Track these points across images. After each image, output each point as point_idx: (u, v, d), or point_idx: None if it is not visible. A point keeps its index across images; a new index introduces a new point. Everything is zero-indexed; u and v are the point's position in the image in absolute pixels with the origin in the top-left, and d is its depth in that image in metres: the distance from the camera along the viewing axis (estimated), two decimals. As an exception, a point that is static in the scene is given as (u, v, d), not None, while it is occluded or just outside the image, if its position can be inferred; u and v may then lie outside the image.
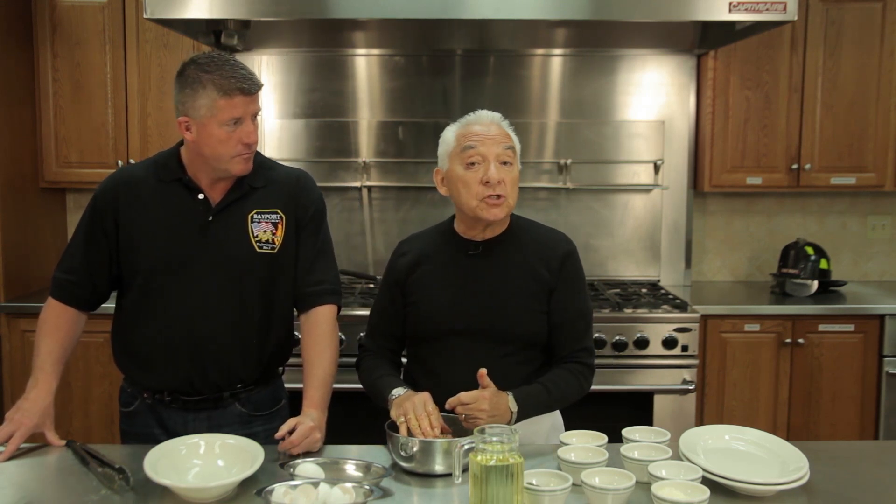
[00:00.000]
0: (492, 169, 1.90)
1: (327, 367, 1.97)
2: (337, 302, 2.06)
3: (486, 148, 1.92)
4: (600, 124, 3.80)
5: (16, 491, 1.64)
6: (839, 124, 3.60)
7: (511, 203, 1.94)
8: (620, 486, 1.52)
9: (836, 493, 1.63)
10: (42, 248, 3.67)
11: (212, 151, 1.89)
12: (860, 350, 3.39)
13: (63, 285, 2.01)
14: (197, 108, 1.86)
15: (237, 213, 1.97)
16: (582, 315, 2.01)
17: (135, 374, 2.02)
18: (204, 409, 2.00)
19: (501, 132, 1.95)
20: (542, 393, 1.90)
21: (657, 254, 3.87)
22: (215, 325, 1.96)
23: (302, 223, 2.03)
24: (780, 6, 2.78)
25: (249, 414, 2.03)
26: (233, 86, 1.84)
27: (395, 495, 1.61)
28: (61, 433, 1.92)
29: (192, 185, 1.96)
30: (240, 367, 2.00)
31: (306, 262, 2.04)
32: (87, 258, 2.00)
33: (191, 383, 1.97)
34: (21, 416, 1.85)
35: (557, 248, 2.01)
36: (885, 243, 4.03)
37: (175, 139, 2.04)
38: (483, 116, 1.98)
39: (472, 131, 1.95)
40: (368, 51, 3.78)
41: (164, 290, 1.96)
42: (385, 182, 3.80)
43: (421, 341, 2.03)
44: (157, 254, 1.95)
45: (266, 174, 2.03)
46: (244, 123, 1.88)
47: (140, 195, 1.97)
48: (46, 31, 3.50)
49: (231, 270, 1.96)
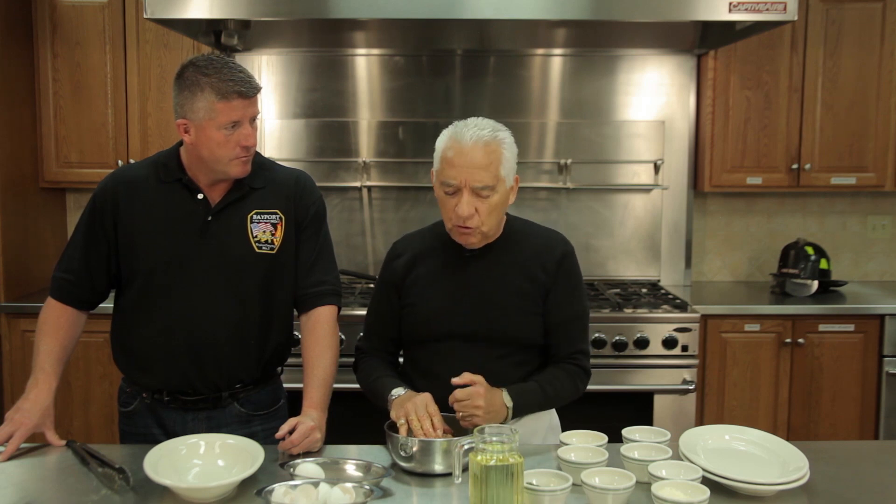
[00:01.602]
0: (462, 204, 1.84)
1: (327, 367, 1.97)
2: (337, 303, 2.06)
3: (461, 178, 1.84)
4: (600, 124, 3.80)
5: (16, 491, 1.64)
6: (839, 124, 3.59)
7: (486, 230, 1.90)
8: (620, 486, 1.52)
9: (836, 493, 1.63)
10: (42, 248, 3.67)
11: (210, 154, 1.89)
12: (860, 350, 3.39)
13: (62, 285, 2.01)
14: (195, 110, 1.86)
15: (236, 214, 1.97)
16: (579, 317, 2.01)
17: (134, 374, 2.02)
18: (203, 409, 2.00)
19: (482, 158, 1.83)
20: (537, 391, 1.91)
21: (657, 254, 3.87)
22: (214, 326, 1.96)
23: (302, 224, 2.03)
24: (780, 6, 2.78)
25: (249, 414, 2.03)
26: (231, 89, 1.84)
27: (395, 495, 1.61)
28: (61, 433, 1.92)
29: (191, 186, 1.96)
30: (239, 367, 2.00)
31: (307, 264, 2.04)
32: (87, 257, 2.00)
33: (190, 383, 1.97)
34: (21, 417, 1.85)
35: (554, 250, 2.00)
36: (885, 243, 4.03)
37: (175, 139, 2.04)
38: (466, 137, 1.84)
39: (450, 157, 1.85)
40: (368, 51, 3.78)
41: (163, 290, 1.96)
42: (385, 182, 3.80)
43: (417, 343, 2.03)
44: (157, 253, 1.95)
45: (266, 175, 2.02)
46: (242, 126, 1.88)
47: (139, 195, 1.97)
48: (46, 31, 3.50)
49: (230, 271, 1.96)
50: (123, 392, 2.07)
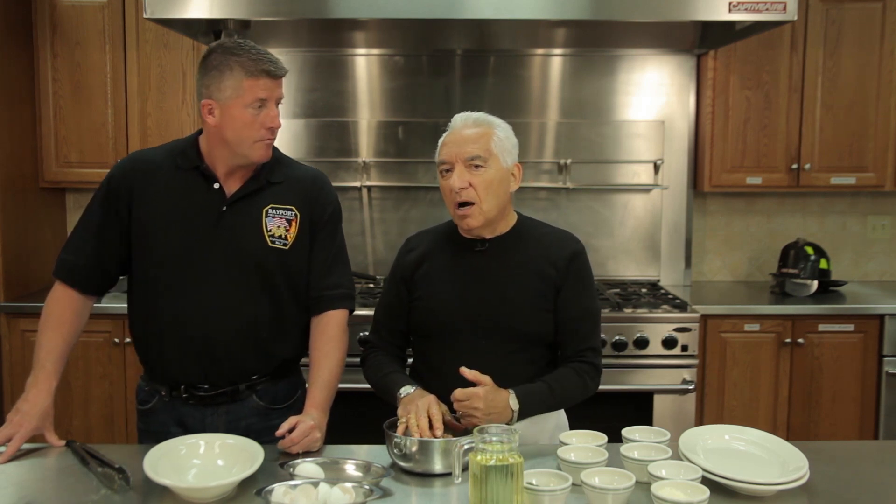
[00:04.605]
0: (454, 176, 1.90)
1: (333, 369, 1.97)
2: (351, 306, 2.06)
3: (452, 154, 1.91)
4: (600, 124, 3.80)
5: (16, 491, 1.64)
6: (839, 124, 3.59)
7: (485, 208, 1.91)
8: (620, 486, 1.52)
9: (836, 493, 1.63)
10: (42, 248, 3.67)
11: (235, 135, 1.89)
12: (860, 350, 3.39)
13: (70, 267, 1.98)
14: (222, 89, 1.86)
15: (252, 206, 1.96)
16: (589, 314, 2.00)
17: (152, 364, 2.00)
18: (222, 403, 1.98)
19: (471, 133, 1.92)
20: (545, 391, 1.90)
21: (657, 254, 3.87)
22: (226, 317, 1.94)
23: (318, 224, 2.02)
24: (780, 6, 2.78)
25: (267, 407, 2.01)
26: (259, 67, 1.85)
27: (394, 495, 1.61)
28: (61, 433, 1.91)
29: (208, 174, 1.95)
30: (253, 359, 1.98)
31: (324, 266, 2.03)
32: (98, 240, 1.97)
33: (205, 375, 1.95)
34: (20, 419, 1.84)
35: (565, 247, 2.01)
36: (885, 243, 4.03)
37: (175, 138, 2.04)
38: (457, 121, 1.97)
39: (444, 141, 1.96)
40: (368, 51, 3.78)
41: (176, 279, 1.94)
42: (385, 182, 3.81)
43: (426, 338, 2.03)
44: (170, 241, 1.93)
45: (284, 170, 2.02)
46: (268, 107, 1.88)
47: (155, 180, 1.96)
48: (46, 31, 3.51)
49: (242, 262, 1.94)
50: (142, 390, 2.06)
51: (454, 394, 1.79)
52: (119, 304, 2.51)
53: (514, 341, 1.95)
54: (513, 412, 1.83)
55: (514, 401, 1.83)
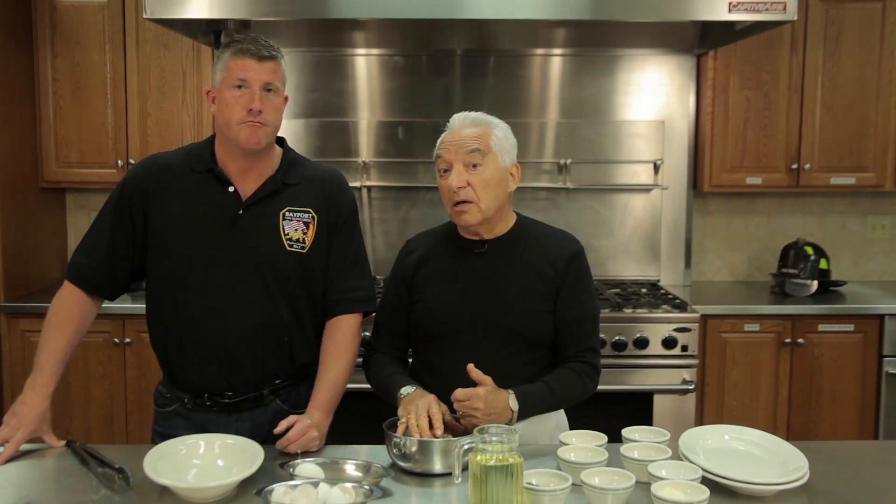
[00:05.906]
0: (452, 176, 1.91)
1: (340, 372, 1.96)
2: (368, 308, 2.05)
3: (450, 154, 1.92)
4: (600, 124, 3.80)
5: (16, 491, 1.64)
6: (839, 124, 3.60)
7: (483, 207, 1.92)
8: (620, 486, 1.52)
9: (836, 493, 1.63)
10: (42, 248, 3.67)
11: (222, 118, 1.90)
12: (860, 350, 3.39)
13: (81, 269, 1.97)
14: (215, 73, 1.91)
15: (269, 210, 1.95)
16: (588, 315, 2.01)
17: (175, 373, 1.98)
18: (245, 409, 1.97)
19: (469, 132, 1.93)
20: (545, 392, 1.90)
21: (657, 254, 3.87)
22: (244, 322, 1.92)
23: (336, 226, 2.01)
24: (780, 6, 2.79)
25: (290, 411, 1.98)
26: (244, 48, 1.87)
27: (394, 495, 1.61)
28: (61, 433, 1.91)
29: (222, 177, 1.94)
30: (274, 364, 1.97)
31: (342, 268, 2.02)
32: (111, 243, 1.96)
33: (228, 382, 1.94)
34: (17, 422, 1.83)
35: (564, 248, 2.01)
36: (885, 243, 4.03)
37: (175, 139, 2.04)
38: (456, 120, 1.98)
39: (442, 142, 1.96)
40: (368, 51, 3.78)
41: (193, 285, 1.92)
42: (385, 182, 3.81)
43: (426, 339, 2.03)
44: (186, 246, 1.92)
45: (299, 172, 2.01)
46: (251, 88, 1.88)
47: (171, 183, 1.95)
48: (46, 31, 3.51)
49: (260, 266, 1.92)
50: (161, 395, 2.03)
51: (454, 394, 1.79)
52: (119, 304, 2.51)
53: (514, 342, 1.95)
54: (513, 412, 1.83)
55: (514, 401, 1.83)
